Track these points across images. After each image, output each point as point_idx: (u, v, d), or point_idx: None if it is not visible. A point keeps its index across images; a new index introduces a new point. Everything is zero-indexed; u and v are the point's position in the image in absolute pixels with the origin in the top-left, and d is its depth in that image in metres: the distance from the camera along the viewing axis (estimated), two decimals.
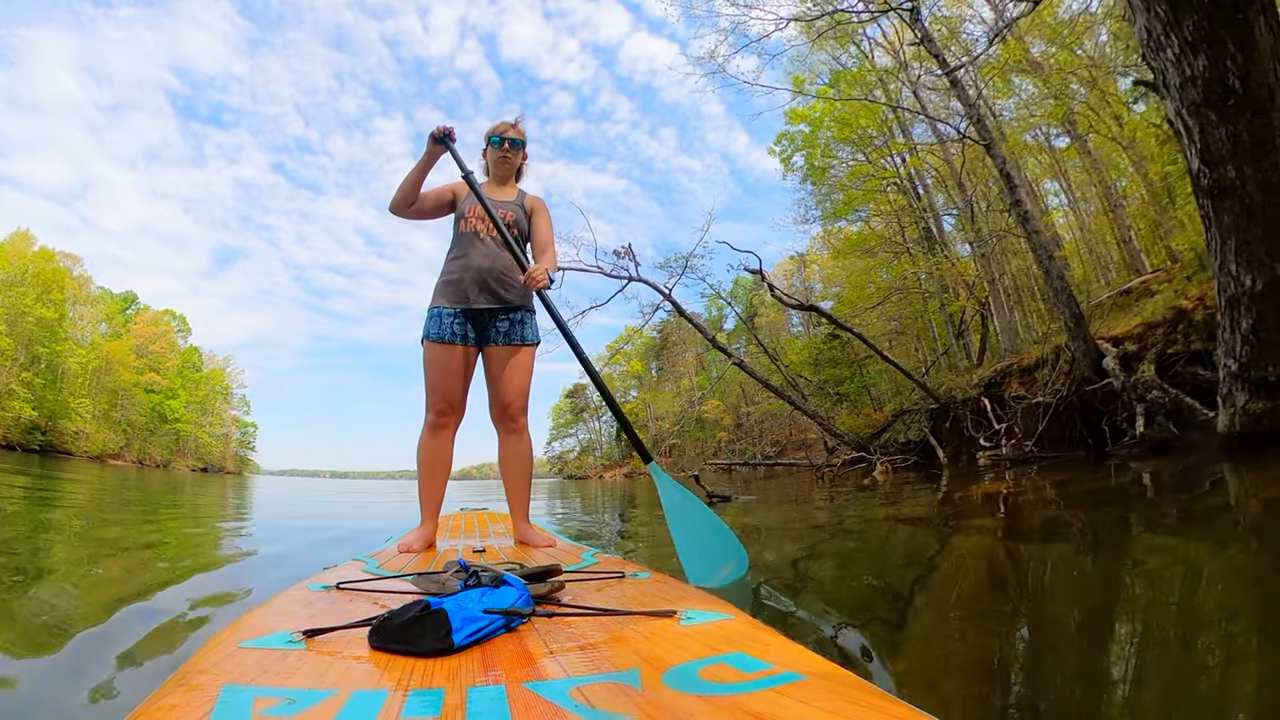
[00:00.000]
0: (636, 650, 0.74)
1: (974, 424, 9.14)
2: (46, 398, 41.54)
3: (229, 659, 0.74)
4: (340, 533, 4.47)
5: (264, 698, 0.59)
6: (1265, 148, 2.53)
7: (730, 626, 0.83)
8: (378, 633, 0.78)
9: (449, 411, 2.19)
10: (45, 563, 2.65)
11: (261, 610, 1.05)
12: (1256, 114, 2.47)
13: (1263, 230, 2.81)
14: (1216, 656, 1.20)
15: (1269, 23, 2.33)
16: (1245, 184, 2.68)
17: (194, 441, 59.39)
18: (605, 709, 0.55)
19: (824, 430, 12.46)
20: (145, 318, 57.49)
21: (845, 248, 17.85)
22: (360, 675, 0.68)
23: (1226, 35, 2.36)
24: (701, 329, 13.07)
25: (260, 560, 2.93)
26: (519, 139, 2.39)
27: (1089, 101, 13.34)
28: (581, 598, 1.08)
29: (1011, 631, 1.52)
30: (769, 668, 0.64)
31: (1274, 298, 3.03)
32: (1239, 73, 2.41)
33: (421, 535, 2.09)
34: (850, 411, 16.99)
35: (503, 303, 2.21)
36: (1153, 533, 2.42)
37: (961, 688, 1.23)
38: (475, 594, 0.87)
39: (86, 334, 48.56)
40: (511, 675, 0.67)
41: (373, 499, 11.47)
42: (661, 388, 49.11)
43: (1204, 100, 2.53)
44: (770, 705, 0.53)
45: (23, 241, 42.45)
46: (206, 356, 64.48)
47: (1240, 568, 1.78)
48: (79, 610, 1.74)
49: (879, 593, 2.09)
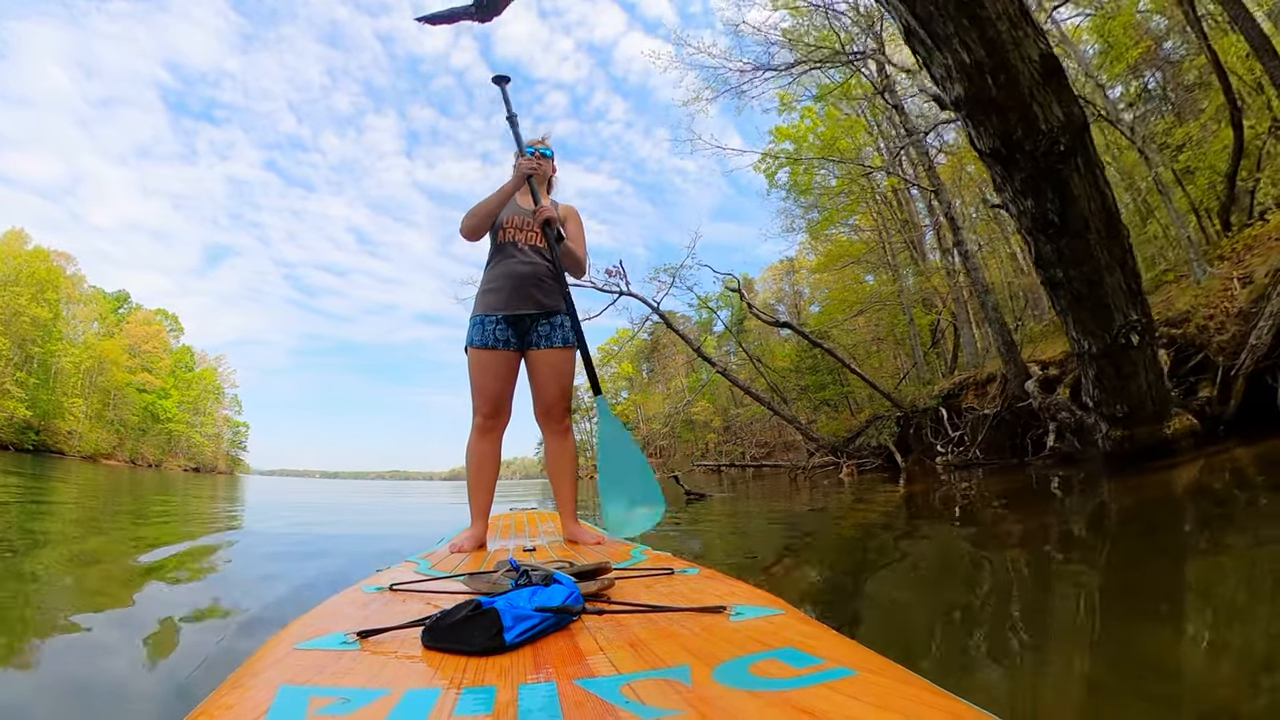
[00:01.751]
0: (686, 646, 0.74)
1: (933, 431, 10.12)
2: (40, 397, 41.00)
3: (285, 660, 0.75)
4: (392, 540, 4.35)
5: (319, 697, 0.60)
6: (1082, 258, 3.42)
7: (780, 622, 0.83)
8: (430, 632, 0.79)
9: (495, 415, 2.24)
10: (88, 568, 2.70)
11: (316, 612, 1.06)
12: (1074, 237, 3.32)
13: (1090, 312, 3.70)
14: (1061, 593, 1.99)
15: (1081, 175, 3.12)
16: (1071, 281, 3.57)
17: (186, 441, 58.74)
18: (656, 705, 0.55)
19: (802, 434, 13.43)
20: (138, 317, 56.97)
21: (827, 261, 18.81)
22: (414, 674, 0.69)
23: (1046, 186, 3.15)
24: (688, 340, 13.90)
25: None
26: (549, 150, 2.50)
27: None
28: (631, 594, 1.08)
29: (944, 597, 2.12)
30: (820, 663, 0.63)
31: (1107, 358, 3.94)
32: (1057, 211, 3.21)
33: (472, 536, 2.13)
34: (830, 416, 17.96)
35: (543, 308, 2.27)
36: (1020, 517, 3.42)
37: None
38: (526, 593, 0.88)
39: (79, 333, 47.86)
40: (562, 672, 0.67)
41: (377, 502, 11.27)
42: (652, 389, 49.41)
43: (1034, 226, 3.39)
44: (822, 701, 0.53)
45: (17, 241, 41.89)
46: (198, 356, 63.88)
47: (1077, 540, 2.71)
48: (131, 617, 1.75)
49: (825, 578, 2.65)
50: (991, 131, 2.98)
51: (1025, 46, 2.74)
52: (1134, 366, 4.11)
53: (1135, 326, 3.80)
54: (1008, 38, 2.70)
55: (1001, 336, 7.59)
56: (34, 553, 2.98)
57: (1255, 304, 5.59)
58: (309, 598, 2.00)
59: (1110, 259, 3.49)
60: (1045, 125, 2.88)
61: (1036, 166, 2.96)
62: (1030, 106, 2.85)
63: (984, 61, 2.75)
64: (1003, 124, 2.92)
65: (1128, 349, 3.91)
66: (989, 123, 2.97)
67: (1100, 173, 3.24)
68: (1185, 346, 6.05)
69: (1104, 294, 3.60)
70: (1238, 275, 6.78)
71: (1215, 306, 6.40)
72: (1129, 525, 2.90)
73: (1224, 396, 5.28)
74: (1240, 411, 5.18)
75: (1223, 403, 5.27)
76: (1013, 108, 2.87)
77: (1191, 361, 5.86)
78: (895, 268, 17.42)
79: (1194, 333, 6.12)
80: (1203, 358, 5.78)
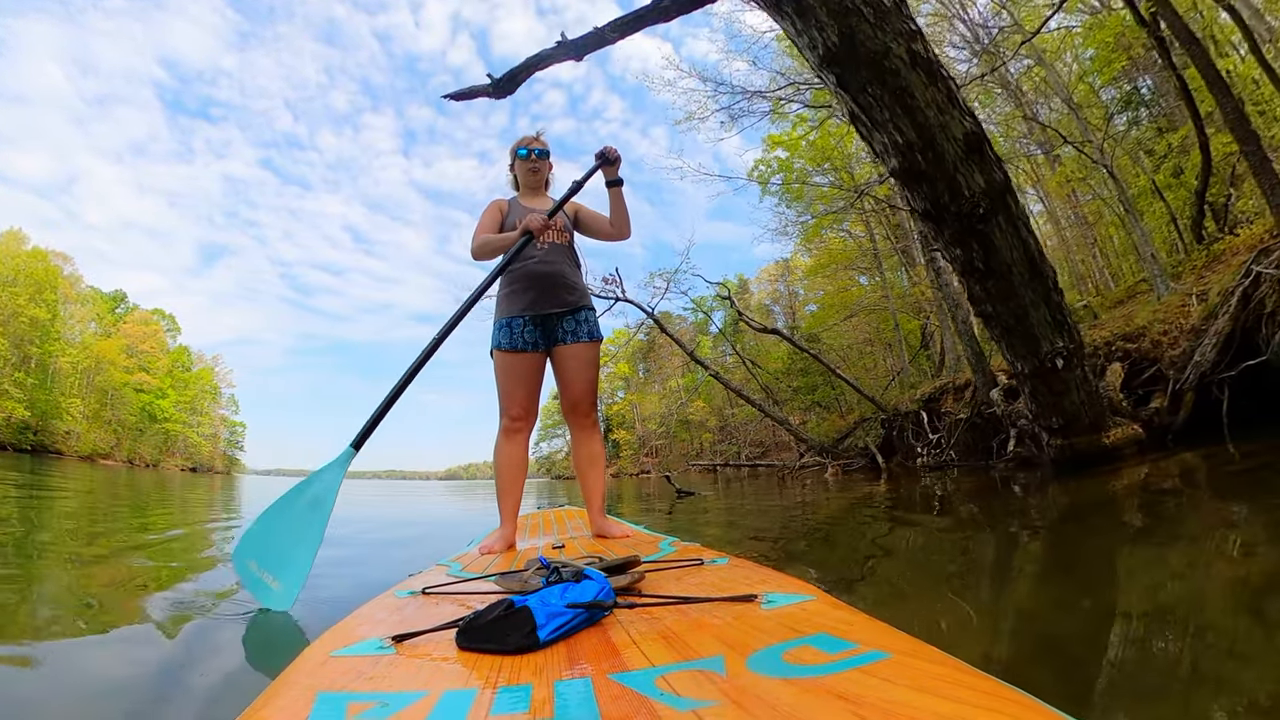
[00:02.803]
0: (719, 636, 0.75)
1: (913, 434, 10.71)
2: (38, 398, 40.88)
3: (322, 667, 0.75)
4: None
5: (357, 703, 0.60)
6: (1008, 296, 3.89)
7: (812, 608, 0.84)
8: (465, 633, 0.80)
9: (523, 416, 2.24)
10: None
11: (351, 619, 1.06)
12: (999, 279, 3.78)
13: (1020, 340, 4.16)
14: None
15: (1003, 229, 3.59)
16: (1000, 315, 4.03)
17: (183, 441, 58.94)
18: (691, 696, 0.56)
19: (792, 435, 14.03)
20: (135, 317, 57.15)
21: (817, 267, 19.41)
22: (450, 675, 0.69)
23: (971, 240, 3.62)
24: (681, 344, 14.46)
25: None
26: (544, 149, 2.48)
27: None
28: (662, 587, 1.08)
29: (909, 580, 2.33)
30: (853, 647, 0.64)
31: (1038, 378, 4.37)
32: (982, 260, 3.70)
33: (502, 536, 2.12)
34: (821, 418, 18.53)
35: (567, 305, 2.28)
36: (975, 512, 3.98)
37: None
38: (557, 590, 0.88)
39: (77, 333, 47.81)
40: (597, 667, 0.68)
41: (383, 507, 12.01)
42: (649, 389, 50.02)
43: (964, 271, 3.91)
44: (857, 685, 0.53)
45: (15, 241, 41.86)
46: (195, 356, 64.16)
47: (1011, 537, 2.94)
48: (170, 627, 1.73)
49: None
50: (923, 197, 3.47)
51: (951, 128, 3.25)
52: (1065, 385, 4.64)
53: (1061, 352, 4.35)
54: (935, 121, 3.21)
55: (970, 346, 8.11)
56: (39, 554, 2.97)
57: (1205, 321, 5.92)
58: (340, 605, 1.99)
59: (1035, 296, 4.03)
60: (968, 192, 3.36)
61: (962, 225, 3.45)
62: (955, 177, 3.32)
63: (914, 141, 3.22)
64: (932, 191, 3.41)
65: (1056, 371, 4.50)
66: (920, 190, 3.46)
67: (1022, 224, 3.76)
68: (1139, 360, 6.45)
69: (1030, 325, 4.14)
70: (1196, 292, 7.37)
71: (1170, 322, 6.82)
72: (1066, 523, 3.19)
73: (1174, 408, 5.62)
74: (1192, 422, 5.50)
75: (1172, 413, 5.59)
76: (940, 178, 3.35)
77: (1145, 374, 6.19)
78: (882, 273, 18.03)
79: (1148, 347, 6.46)
80: (1156, 371, 6.09)
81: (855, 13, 2.96)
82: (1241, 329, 5.50)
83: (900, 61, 3.06)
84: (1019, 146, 15.98)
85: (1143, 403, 5.96)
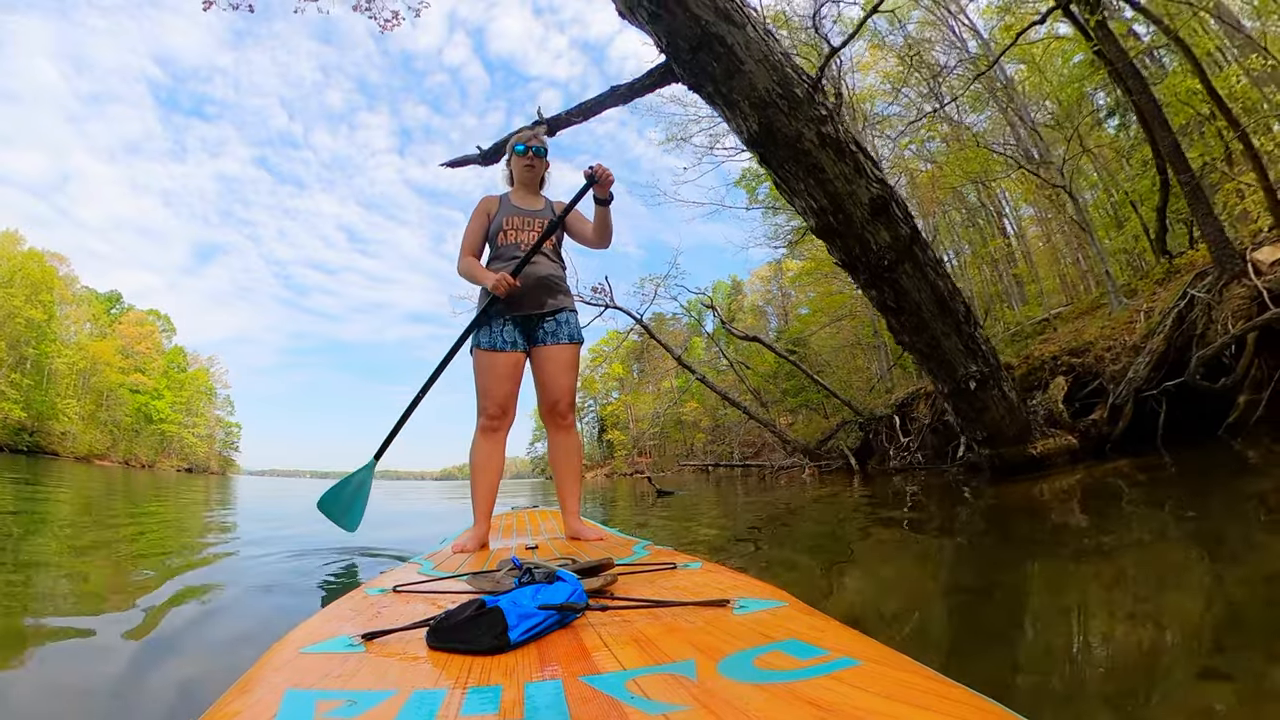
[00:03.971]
0: (691, 641, 0.75)
1: (887, 437, 11.40)
2: (34, 398, 40.71)
3: (290, 664, 0.74)
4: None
5: (326, 700, 0.59)
6: (920, 329, 4.37)
7: (784, 613, 0.84)
8: (435, 633, 0.79)
9: (501, 415, 2.22)
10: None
11: (321, 616, 1.05)
12: (910, 315, 4.29)
13: (936, 365, 4.66)
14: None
15: (910, 275, 4.09)
16: (916, 344, 4.55)
17: (179, 442, 58.81)
18: (662, 700, 0.56)
19: (776, 436, 14.72)
20: (131, 318, 57.07)
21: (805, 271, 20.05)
22: (419, 675, 0.69)
23: (882, 284, 4.15)
24: (669, 349, 15.09)
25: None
26: (542, 147, 2.44)
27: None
28: (634, 590, 1.08)
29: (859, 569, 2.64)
30: (824, 654, 0.64)
31: (958, 397, 4.84)
32: (894, 300, 4.23)
33: (475, 535, 2.10)
34: (807, 419, 19.19)
35: (548, 307, 2.27)
36: (919, 510, 4.42)
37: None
38: (529, 591, 0.88)
39: (72, 334, 47.71)
40: (568, 669, 0.68)
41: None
42: (643, 389, 50.50)
43: (879, 308, 4.50)
44: (826, 692, 0.54)
45: (11, 242, 41.71)
46: (190, 356, 63.86)
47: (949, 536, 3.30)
48: (131, 620, 1.72)
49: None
50: (838, 249, 4.04)
51: (858, 194, 3.83)
52: (983, 403, 5.26)
53: (974, 376, 5.00)
54: (843, 190, 3.78)
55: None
56: (31, 556, 2.99)
57: (1145, 339, 6.30)
58: (312, 602, 2.00)
59: (945, 328, 4.65)
60: (875, 246, 3.89)
61: (872, 273, 4.01)
62: (863, 235, 3.84)
63: (827, 206, 3.78)
64: (845, 245, 3.97)
65: (972, 391, 5.20)
66: (835, 244, 4.03)
67: (930, 269, 4.34)
68: (1083, 374, 6.75)
69: (944, 352, 4.73)
70: (1145, 308, 7.94)
71: (1114, 338, 7.04)
72: (988, 525, 3.51)
73: (1113, 419, 5.95)
74: (1131, 432, 5.83)
75: (1111, 424, 5.93)
76: (850, 236, 3.89)
77: (1089, 387, 6.60)
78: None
79: (1092, 362, 6.78)
80: (1099, 384, 6.48)
81: (773, 105, 3.61)
82: (1176, 349, 5.89)
83: (811, 143, 3.71)
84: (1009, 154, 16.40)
85: (1086, 413, 6.29)
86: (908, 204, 18.83)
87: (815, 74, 3.80)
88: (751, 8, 3.70)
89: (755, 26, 3.55)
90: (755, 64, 3.51)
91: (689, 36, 3.49)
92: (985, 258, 18.61)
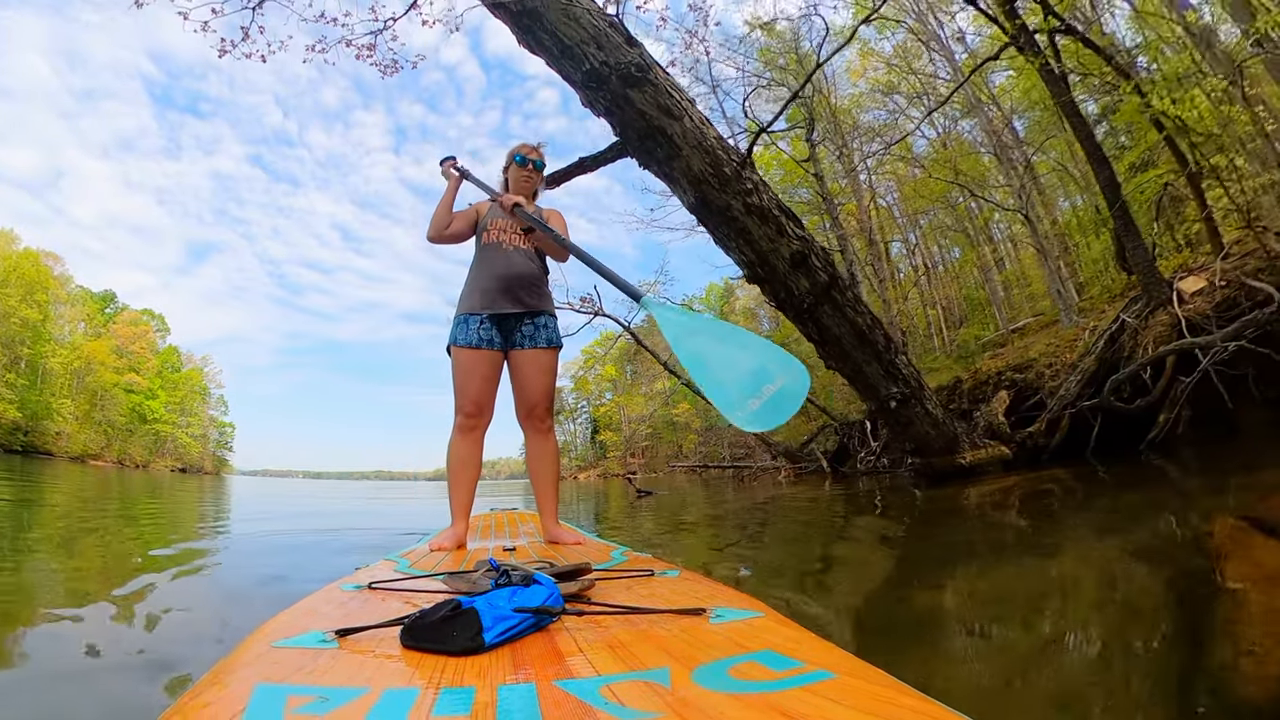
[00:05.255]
0: (666, 648, 0.75)
1: (859, 441, 12.24)
2: (29, 398, 40.41)
3: (262, 658, 0.74)
4: None
5: (297, 696, 0.59)
6: (843, 357, 4.89)
7: (760, 624, 0.84)
8: (409, 632, 0.78)
9: (478, 414, 2.20)
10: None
11: (294, 610, 1.04)
12: (833, 345, 4.83)
13: (862, 387, 5.16)
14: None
15: (829, 314, 4.69)
16: (842, 369, 5.06)
17: (173, 442, 58.54)
18: (635, 707, 0.55)
19: (759, 439, 15.54)
20: (125, 318, 56.75)
21: None
22: (392, 673, 0.68)
23: (807, 320, 4.72)
24: (655, 355, 16.00)
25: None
26: (541, 162, 2.49)
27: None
28: (611, 596, 1.08)
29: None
30: (799, 665, 0.64)
31: (883, 414, 5.37)
32: (818, 334, 4.80)
33: (453, 535, 2.07)
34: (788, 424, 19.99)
35: (527, 307, 2.25)
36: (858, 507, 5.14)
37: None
38: (506, 593, 0.87)
39: (67, 334, 47.48)
40: (542, 673, 0.67)
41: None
42: (635, 390, 51.01)
43: (809, 339, 5.01)
44: (801, 704, 0.54)
45: (6, 241, 41.65)
46: (184, 356, 63.50)
47: (889, 526, 3.82)
48: (112, 610, 1.71)
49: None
50: (769, 293, 4.73)
51: (780, 251, 4.60)
52: (907, 419, 5.99)
53: (895, 397, 5.81)
54: (768, 248, 4.53)
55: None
56: (22, 552, 3.00)
57: (1081, 358, 6.79)
58: (287, 595, 1.90)
59: (866, 356, 5.43)
60: (797, 292, 4.62)
61: (797, 312, 4.79)
62: (787, 283, 4.50)
63: (755, 260, 4.42)
64: (773, 290, 4.62)
65: (894, 409, 6.08)
66: (766, 289, 4.69)
67: (849, 308, 5.07)
68: (1025, 388, 7.28)
69: (867, 377, 5.48)
70: (1091, 326, 8.55)
71: (1057, 356, 7.50)
72: (913, 525, 3.93)
73: (1050, 431, 6.42)
74: (1069, 443, 6.26)
75: (1048, 436, 6.40)
76: (776, 283, 4.52)
77: (1030, 400, 7.11)
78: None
79: (1033, 377, 7.31)
80: (1040, 398, 6.95)
81: (705, 182, 4.42)
82: (1107, 368, 6.34)
83: (739, 212, 4.52)
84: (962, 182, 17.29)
85: (1027, 425, 6.74)
86: (893, 209, 20.01)
87: (745, 151, 4.68)
88: (689, 99, 4.57)
89: (691, 118, 4.38)
90: (691, 149, 4.35)
91: (638, 128, 4.32)
92: (973, 263, 19.43)
